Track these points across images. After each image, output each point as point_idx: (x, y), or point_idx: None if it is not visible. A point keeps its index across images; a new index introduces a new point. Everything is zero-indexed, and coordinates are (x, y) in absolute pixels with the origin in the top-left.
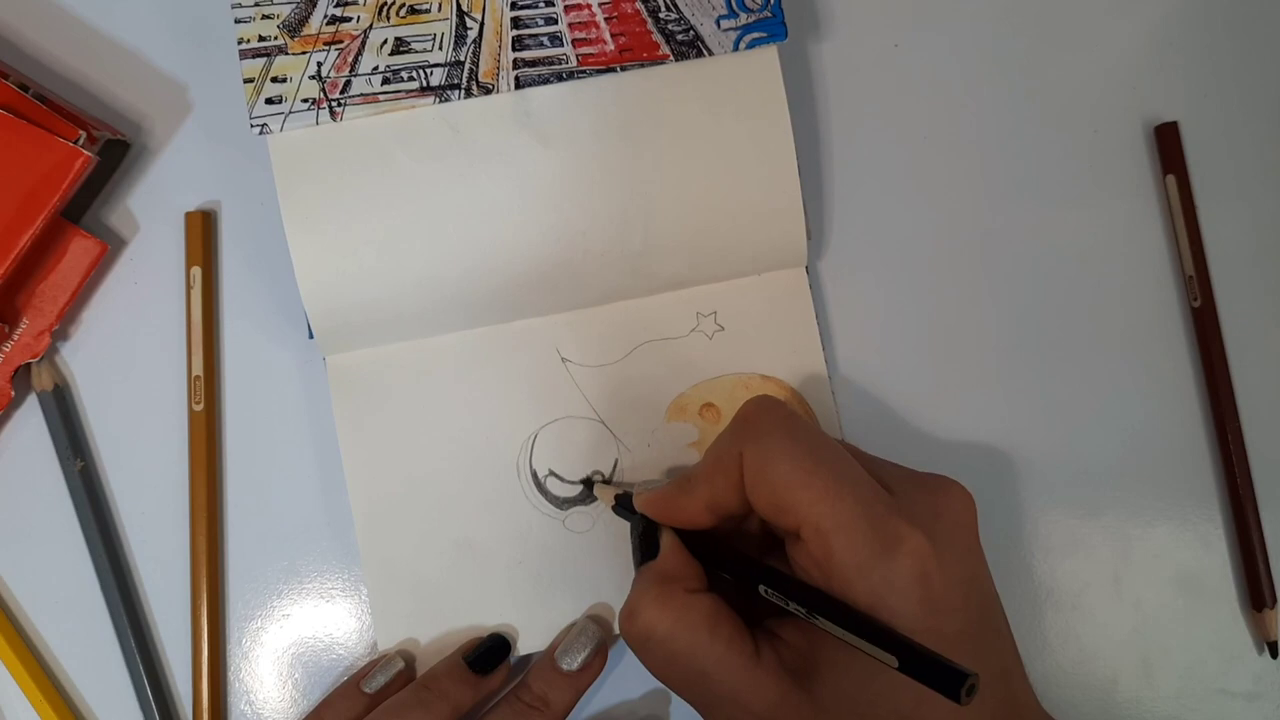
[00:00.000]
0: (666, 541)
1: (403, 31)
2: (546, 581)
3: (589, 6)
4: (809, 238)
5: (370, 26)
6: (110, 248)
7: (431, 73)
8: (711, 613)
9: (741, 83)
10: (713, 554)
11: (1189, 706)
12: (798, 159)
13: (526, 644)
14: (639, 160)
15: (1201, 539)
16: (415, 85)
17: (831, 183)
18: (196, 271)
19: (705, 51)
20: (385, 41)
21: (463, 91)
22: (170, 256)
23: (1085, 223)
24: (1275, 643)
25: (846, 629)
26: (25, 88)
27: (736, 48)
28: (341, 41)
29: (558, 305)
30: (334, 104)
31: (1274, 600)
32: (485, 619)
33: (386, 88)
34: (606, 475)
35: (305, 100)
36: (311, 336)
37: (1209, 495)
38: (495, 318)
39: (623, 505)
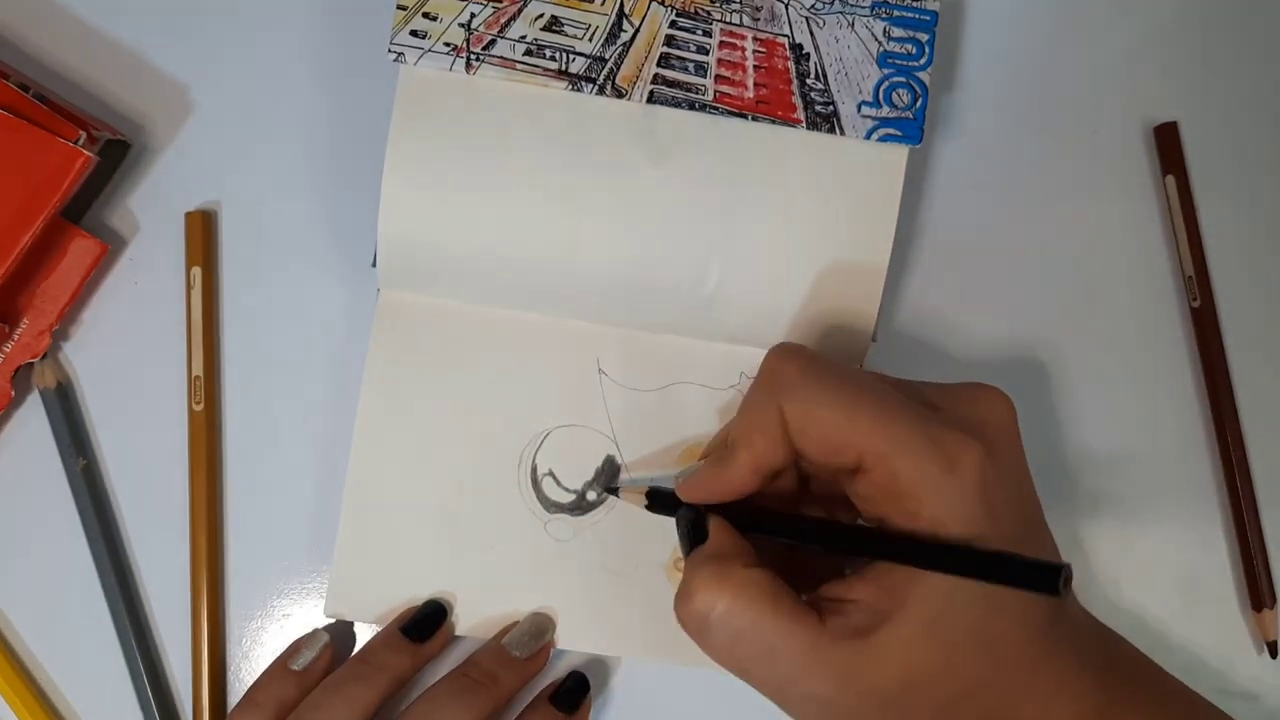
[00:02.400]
0: (714, 524)
1: (561, 12)
2: (508, 575)
3: (743, 49)
4: (874, 339)
5: None
6: (111, 248)
7: (574, 60)
8: (770, 586)
9: (862, 172)
10: (764, 527)
11: None
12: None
13: (464, 625)
14: (738, 210)
15: (1201, 539)
16: (554, 66)
17: None
18: (197, 272)
19: (838, 129)
20: (541, 15)
21: (596, 88)
22: (171, 256)
23: (1085, 223)
24: (1275, 643)
25: (920, 556)
26: (26, 88)
27: (868, 137)
28: (501, 1)
29: (612, 319)
30: (473, 57)
31: (1273, 600)
32: (435, 588)
33: (527, 59)
34: (591, 502)
35: (448, 45)
36: (374, 265)
37: (1209, 495)
38: (551, 309)
39: (657, 501)
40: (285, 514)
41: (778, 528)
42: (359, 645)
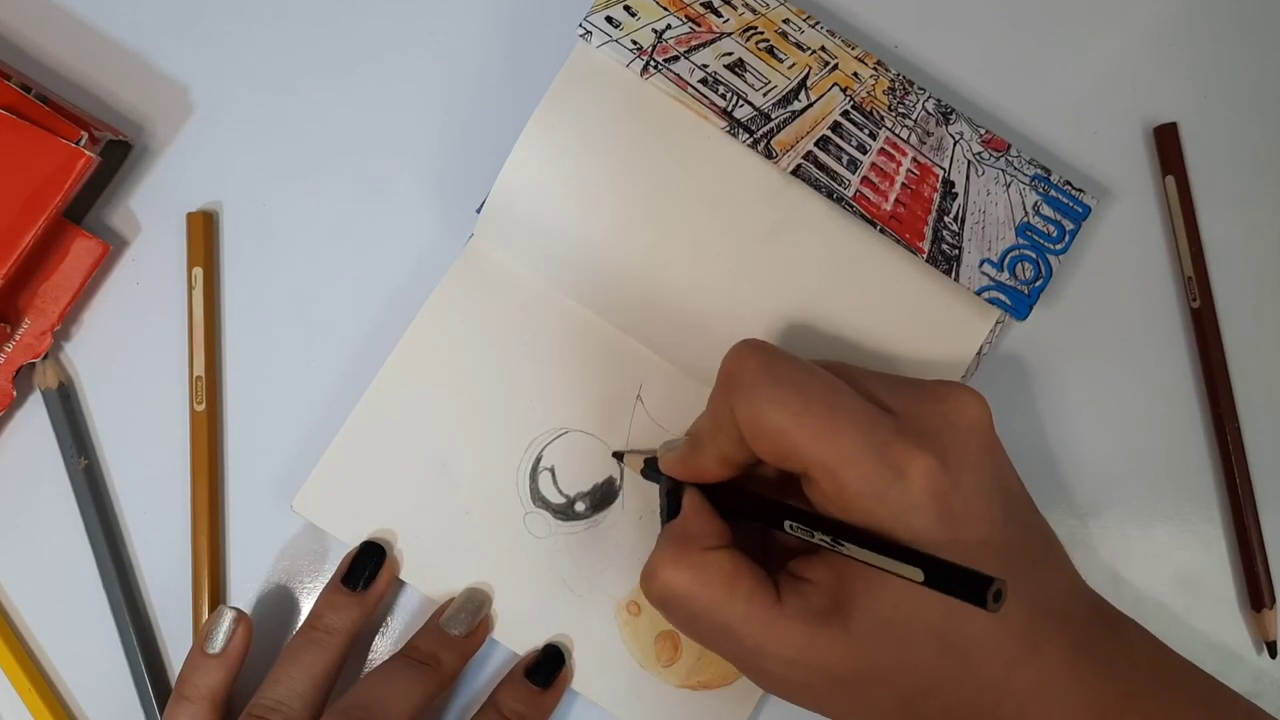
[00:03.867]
0: (687, 500)
1: (750, 59)
2: (472, 545)
3: (899, 163)
4: None
5: (729, 34)
6: (112, 248)
7: (741, 106)
8: (729, 569)
9: (954, 321)
10: (735, 503)
11: None
12: None
13: (410, 574)
14: (829, 304)
15: (1201, 539)
16: (721, 104)
17: None
18: (198, 272)
19: (954, 275)
20: (730, 54)
21: (751, 139)
22: (172, 257)
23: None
24: (1274, 643)
25: (870, 550)
26: (27, 89)
27: (979, 293)
28: (699, 25)
29: (672, 354)
30: (652, 64)
31: (1273, 600)
32: (397, 524)
33: (701, 87)
34: (578, 513)
35: (634, 43)
36: (478, 212)
37: (1208, 495)
38: (619, 322)
39: (651, 469)
40: (286, 514)
41: (744, 508)
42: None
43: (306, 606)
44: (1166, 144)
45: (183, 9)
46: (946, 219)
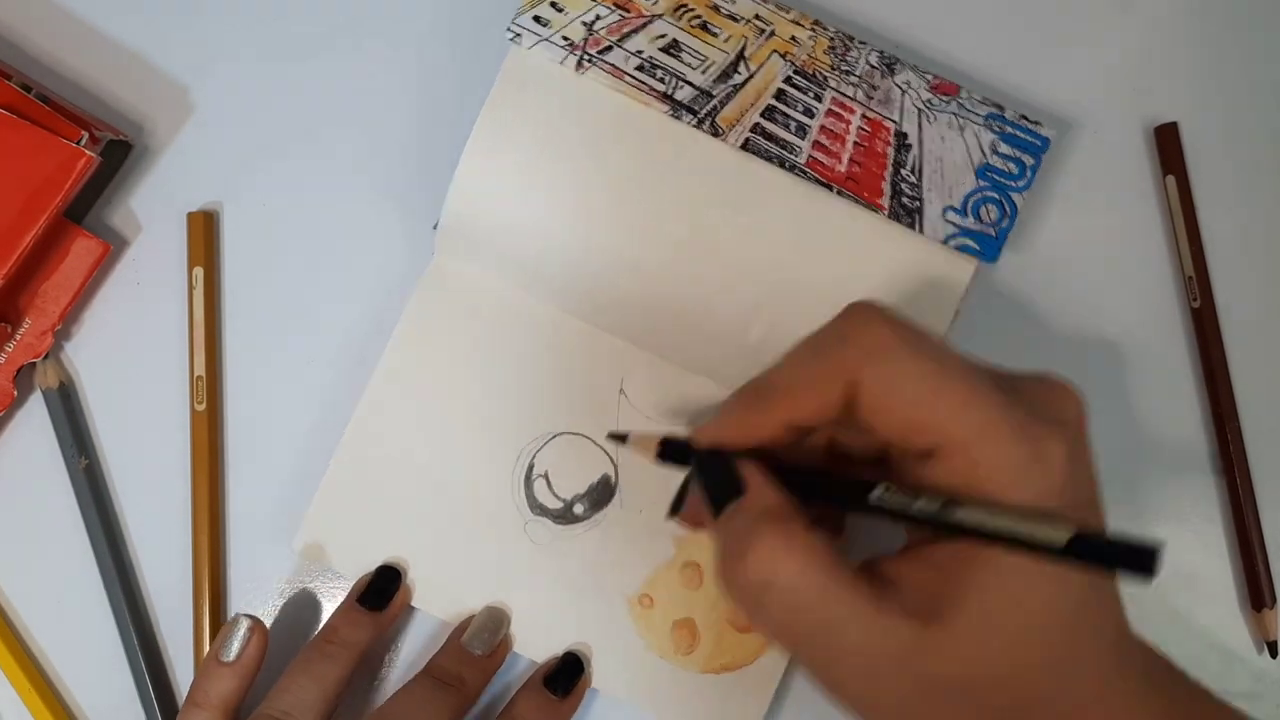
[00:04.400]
0: (752, 474)
1: (683, 38)
2: (478, 561)
3: (849, 122)
4: None
5: (660, 16)
6: (113, 248)
7: (682, 87)
8: (834, 552)
9: (926, 273)
10: (806, 483)
11: None
12: None
13: (422, 598)
14: (798, 273)
15: (1201, 539)
16: (661, 88)
17: None
18: (199, 272)
19: (918, 227)
20: (663, 36)
21: (696, 120)
22: (172, 256)
23: (1085, 223)
24: (1275, 643)
25: (1006, 523)
26: (27, 89)
27: (945, 242)
28: (628, 11)
29: (650, 344)
30: (586, 57)
31: (1274, 600)
32: (402, 552)
33: (638, 74)
34: (577, 516)
35: (565, 39)
36: (435, 229)
37: (1209, 495)
38: (592, 319)
39: (671, 452)
40: (285, 514)
41: (821, 489)
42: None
43: (306, 606)
44: (1166, 144)
45: (183, 9)
46: (903, 171)
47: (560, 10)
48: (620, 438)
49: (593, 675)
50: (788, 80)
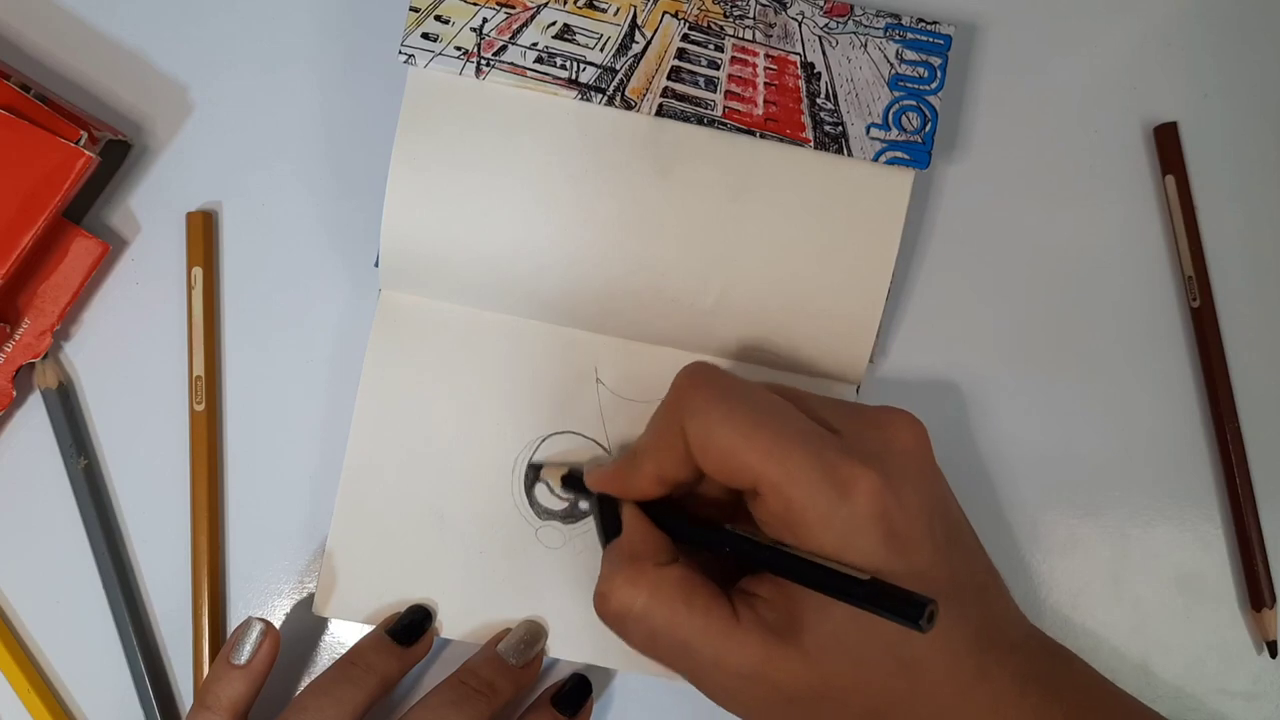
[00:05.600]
0: (628, 517)
1: (574, 20)
2: (498, 580)
3: (755, 65)
4: (870, 360)
5: (546, 4)
6: (111, 248)
7: (584, 69)
8: (684, 583)
9: (867, 194)
10: (673, 522)
11: (1188, 706)
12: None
13: (451, 629)
14: (741, 227)
15: (1201, 539)
16: (564, 75)
17: None
18: (198, 272)
19: (846, 150)
20: (554, 23)
21: (605, 98)
22: (172, 257)
23: (1085, 223)
24: (1274, 642)
25: (806, 576)
26: (26, 88)
27: (876, 159)
28: (513, 7)
29: (612, 329)
30: (483, 62)
31: (1273, 600)
32: (424, 591)
33: (538, 67)
34: (581, 512)
35: (459, 49)
36: (377, 265)
37: (1209, 495)
38: (551, 317)
39: (572, 484)
40: (285, 515)
41: (682, 529)
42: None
43: (308, 605)
44: (1166, 144)
45: (183, 8)
46: (819, 101)
47: (446, 22)
48: (536, 469)
49: (632, 661)
50: (685, 38)
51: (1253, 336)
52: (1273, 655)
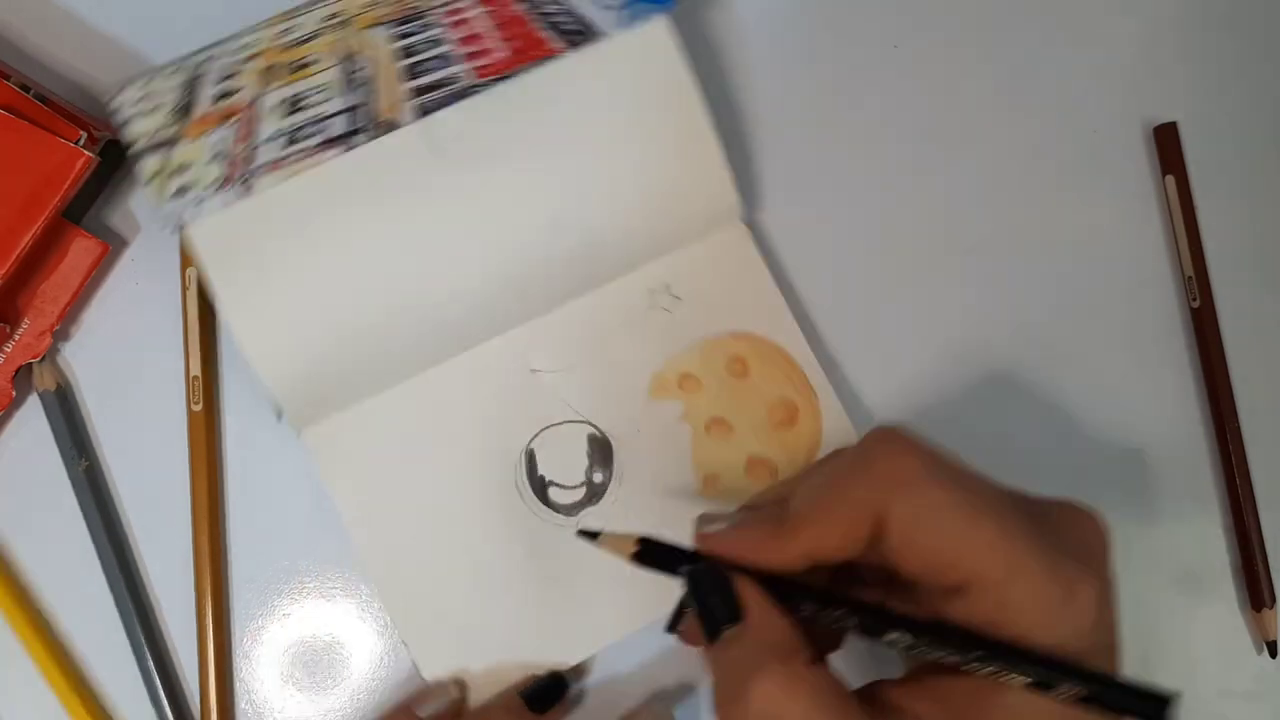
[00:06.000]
0: (752, 596)
1: (293, 90)
2: (576, 591)
3: (471, 18)
4: (747, 223)
5: (260, 94)
6: (111, 248)
7: (332, 123)
8: (841, 691)
9: (638, 56)
10: (809, 604)
11: (1189, 706)
12: (725, 118)
13: (574, 655)
14: (556, 158)
15: (1201, 539)
16: (319, 139)
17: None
18: (193, 272)
19: (597, 36)
20: (280, 104)
21: (368, 134)
22: (171, 257)
23: (1084, 223)
24: (1275, 642)
25: (1029, 666)
26: (26, 88)
27: (627, 24)
28: (235, 115)
29: (514, 320)
30: (243, 179)
31: (1274, 600)
32: (524, 640)
33: (292, 148)
34: (601, 484)
35: (214, 182)
36: (280, 419)
37: (1209, 495)
38: (457, 347)
39: (651, 556)
40: (285, 514)
41: (824, 609)
42: None
43: (306, 606)
44: (1166, 144)
45: (184, 8)
46: (546, 10)
47: (187, 169)
48: (591, 535)
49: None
50: (400, 37)
51: (1253, 336)
52: (1273, 655)
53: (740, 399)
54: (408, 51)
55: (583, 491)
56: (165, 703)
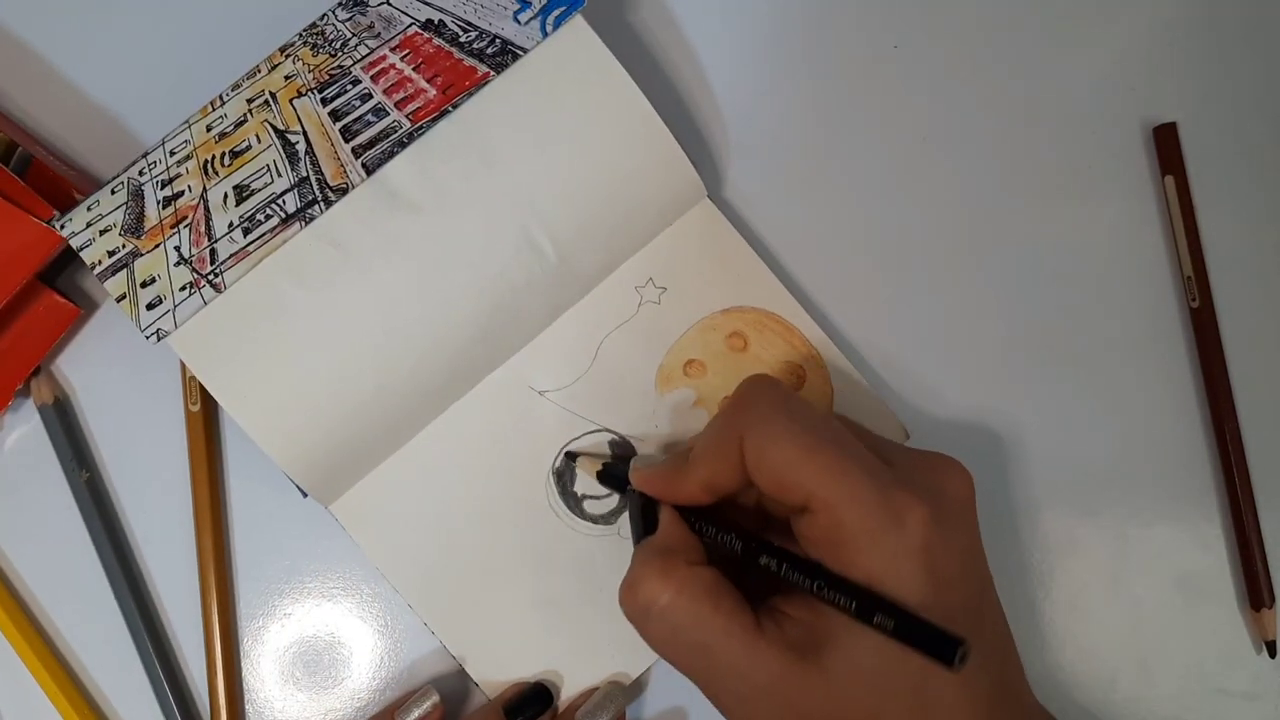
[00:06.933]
0: (665, 516)
1: (236, 179)
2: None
3: (393, 66)
4: (710, 197)
5: (204, 190)
6: (83, 311)
7: (284, 201)
8: (713, 584)
9: (566, 61)
10: (712, 529)
11: (1188, 706)
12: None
13: (636, 666)
14: (513, 180)
15: (1200, 539)
16: (275, 221)
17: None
18: None
19: (519, 52)
20: (226, 196)
21: (321, 204)
22: None
23: (1084, 223)
24: (1274, 642)
25: (844, 598)
26: (7, 160)
27: (545, 34)
28: (186, 218)
29: (510, 348)
30: (210, 277)
31: (1272, 600)
32: (583, 655)
33: (251, 237)
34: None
35: (183, 288)
36: (305, 495)
37: (1208, 495)
38: (461, 390)
39: (608, 478)
40: (285, 514)
41: (721, 536)
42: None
43: (307, 605)
44: (1166, 144)
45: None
46: (462, 39)
47: (153, 281)
48: (571, 456)
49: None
50: (324, 103)
51: (1253, 336)
52: (1272, 655)
53: (746, 372)
54: (336, 115)
55: (616, 498)
56: (175, 708)
